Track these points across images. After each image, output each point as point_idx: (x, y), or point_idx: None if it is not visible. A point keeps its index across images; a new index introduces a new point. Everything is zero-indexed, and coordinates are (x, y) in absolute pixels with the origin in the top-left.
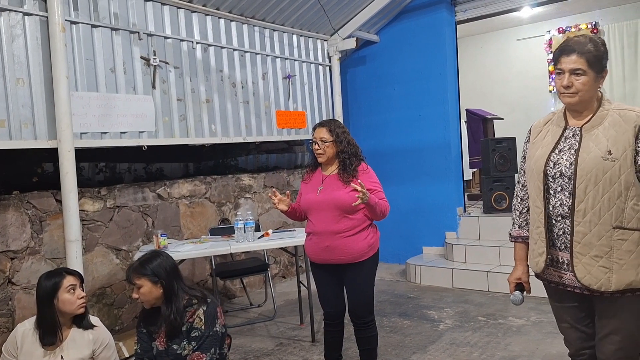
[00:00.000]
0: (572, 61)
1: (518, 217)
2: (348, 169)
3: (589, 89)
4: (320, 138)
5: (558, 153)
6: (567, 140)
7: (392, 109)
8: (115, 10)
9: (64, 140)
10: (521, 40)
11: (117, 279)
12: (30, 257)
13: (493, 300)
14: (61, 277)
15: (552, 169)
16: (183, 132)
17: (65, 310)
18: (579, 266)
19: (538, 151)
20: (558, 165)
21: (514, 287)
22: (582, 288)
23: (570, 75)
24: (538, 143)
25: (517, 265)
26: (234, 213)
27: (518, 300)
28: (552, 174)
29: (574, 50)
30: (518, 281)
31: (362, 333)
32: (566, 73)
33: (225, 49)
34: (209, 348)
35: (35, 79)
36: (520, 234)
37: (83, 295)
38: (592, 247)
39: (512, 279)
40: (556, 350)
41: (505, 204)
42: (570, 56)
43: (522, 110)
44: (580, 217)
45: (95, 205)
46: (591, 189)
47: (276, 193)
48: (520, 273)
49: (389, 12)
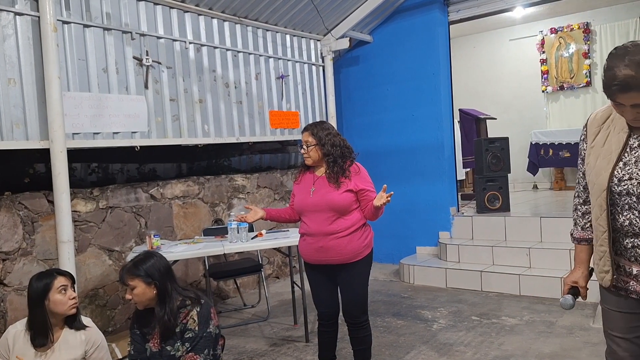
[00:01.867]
0: (632, 97)
1: (581, 218)
2: (337, 170)
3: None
4: (305, 142)
5: (623, 167)
6: (633, 151)
7: (386, 109)
8: (107, 10)
9: (56, 141)
10: (514, 41)
11: (110, 280)
12: (22, 259)
13: (486, 300)
14: (52, 277)
15: (617, 186)
16: (176, 132)
17: (57, 311)
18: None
19: (599, 161)
20: (624, 183)
21: (568, 289)
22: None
23: (632, 108)
24: (597, 149)
25: (577, 268)
26: (227, 213)
27: (568, 305)
28: (617, 191)
29: (632, 89)
30: (574, 284)
31: (356, 333)
32: (627, 107)
33: (218, 49)
34: (203, 349)
35: (27, 79)
36: (583, 236)
37: (74, 296)
38: None
39: (568, 280)
40: (549, 350)
41: (498, 204)
42: (628, 93)
43: (515, 110)
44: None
45: (87, 206)
46: None
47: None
48: (578, 276)
49: (382, 12)
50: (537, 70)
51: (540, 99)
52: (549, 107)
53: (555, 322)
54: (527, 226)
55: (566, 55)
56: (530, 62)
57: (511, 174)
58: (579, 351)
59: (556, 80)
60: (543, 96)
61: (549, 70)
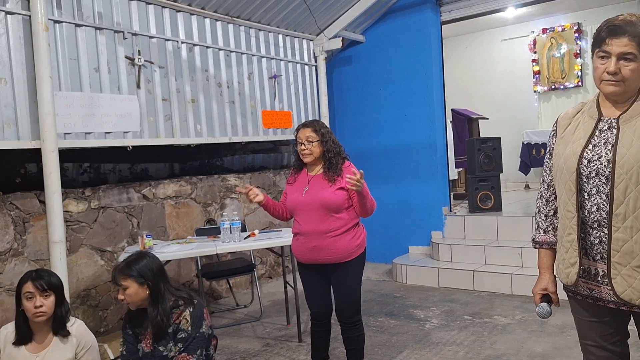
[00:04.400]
0: (622, 44)
1: (543, 220)
2: (334, 167)
3: (638, 77)
4: (307, 138)
5: (592, 149)
6: (602, 133)
7: (378, 109)
8: (99, 9)
9: (48, 141)
10: (506, 41)
11: (102, 281)
12: (14, 259)
13: (479, 299)
14: (23, 281)
15: (586, 167)
16: (168, 132)
17: (28, 316)
18: (617, 278)
19: (568, 147)
20: (593, 163)
21: (539, 298)
22: (619, 303)
23: (618, 60)
24: (567, 138)
25: (543, 275)
26: (220, 213)
27: (546, 313)
28: (586, 173)
29: (625, 32)
30: (544, 292)
31: (349, 333)
32: (613, 57)
33: (210, 48)
34: (196, 349)
35: (18, 79)
36: (546, 239)
37: (40, 304)
38: (634, 257)
39: (537, 289)
40: (541, 349)
41: (491, 204)
42: (620, 38)
43: (507, 110)
44: (620, 222)
45: (79, 206)
46: (632, 190)
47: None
48: (546, 283)
49: (375, 12)
50: (529, 70)
51: (532, 98)
52: (540, 107)
53: (547, 321)
54: (519, 226)
55: (558, 56)
56: (522, 62)
57: (503, 173)
58: (571, 350)
59: (548, 80)
60: (535, 96)
61: (541, 70)
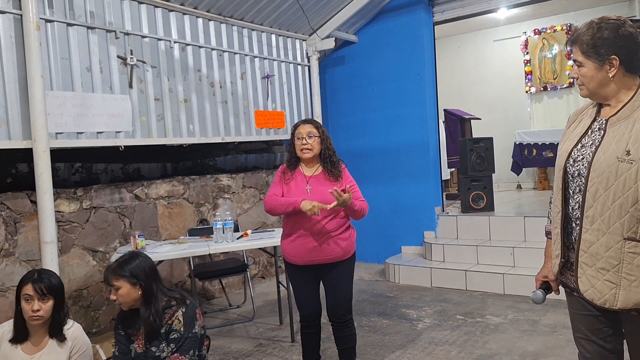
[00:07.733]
0: (574, 52)
1: (552, 211)
2: (336, 166)
3: (592, 80)
4: (308, 133)
5: (580, 149)
6: (593, 134)
7: (371, 109)
8: (91, 8)
9: (39, 141)
10: (498, 41)
11: (94, 281)
12: (5, 259)
13: (471, 299)
14: (23, 283)
15: (571, 166)
16: (161, 132)
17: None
18: (582, 278)
19: (564, 145)
20: (577, 164)
21: (539, 285)
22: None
23: (576, 66)
24: (568, 135)
25: (546, 262)
26: (212, 213)
27: (539, 299)
28: (571, 172)
29: (574, 42)
30: (544, 279)
31: (340, 332)
32: (575, 64)
33: (203, 48)
34: (188, 350)
35: (9, 78)
36: (551, 229)
37: (38, 308)
38: (599, 259)
39: (539, 276)
40: (533, 348)
41: (483, 204)
42: (573, 47)
43: (499, 111)
44: (589, 224)
45: (71, 206)
46: (601, 194)
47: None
48: (547, 271)
49: (368, 12)
50: (521, 70)
51: (524, 99)
52: (532, 107)
53: (539, 320)
54: (511, 226)
55: (549, 56)
56: (514, 62)
57: (495, 173)
58: (562, 349)
59: (540, 81)
60: (527, 97)
61: (533, 70)
